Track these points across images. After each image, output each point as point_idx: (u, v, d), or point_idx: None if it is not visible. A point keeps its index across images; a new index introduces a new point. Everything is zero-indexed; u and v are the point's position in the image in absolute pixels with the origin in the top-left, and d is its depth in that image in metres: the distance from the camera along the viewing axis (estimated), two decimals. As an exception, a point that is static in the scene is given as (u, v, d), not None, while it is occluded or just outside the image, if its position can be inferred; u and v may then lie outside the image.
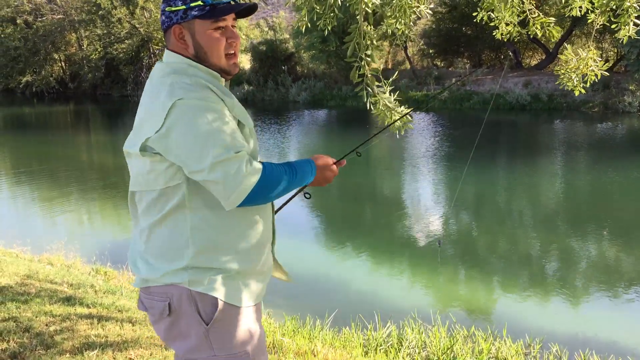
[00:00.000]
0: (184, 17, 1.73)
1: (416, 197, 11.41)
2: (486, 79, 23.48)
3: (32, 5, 33.49)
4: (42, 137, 20.62)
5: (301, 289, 6.86)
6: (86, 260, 6.64)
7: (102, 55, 32.58)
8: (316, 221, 10.21)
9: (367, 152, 16.41)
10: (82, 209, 11.03)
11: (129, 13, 30.60)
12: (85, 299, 4.40)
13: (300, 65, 30.25)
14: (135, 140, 1.66)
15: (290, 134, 19.23)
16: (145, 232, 1.70)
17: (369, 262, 8.03)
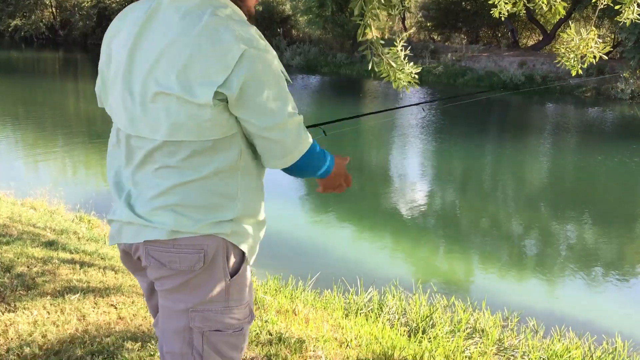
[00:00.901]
0: None
1: (403, 169, 11.43)
2: (482, 56, 23.36)
3: (24, -54, 32.54)
4: (29, 83, 20.27)
5: (285, 251, 6.88)
6: (70, 208, 6.58)
7: (95, 4, 31.84)
8: (303, 185, 10.19)
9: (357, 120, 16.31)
10: (67, 157, 10.91)
11: (124, -38, 29.87)
12: (67, 245, 4.36)
13: (296, 29, 29.85)
14: (186, 84, 1.46)
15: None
16: (183, 182, 1.55)
17: (353, 229, 8.06)
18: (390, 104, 17.35)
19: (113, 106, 1.65)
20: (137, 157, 1.59)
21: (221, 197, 1.58)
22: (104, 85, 1.72)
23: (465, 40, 27.40)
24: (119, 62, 1.59)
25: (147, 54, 1.52)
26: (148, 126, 1.53)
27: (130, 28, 1.57)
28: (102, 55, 1.70)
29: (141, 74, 1.52)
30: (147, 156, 1.56)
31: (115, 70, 1.61)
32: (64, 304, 3.12)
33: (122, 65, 1.57)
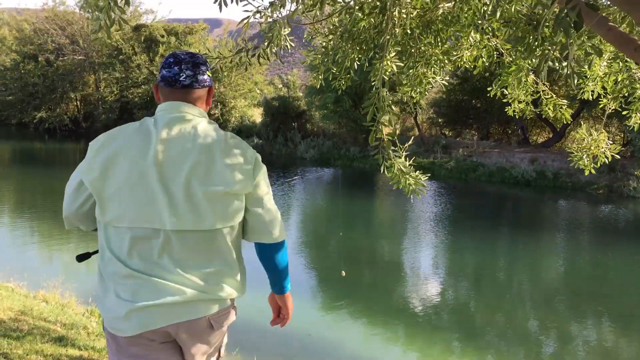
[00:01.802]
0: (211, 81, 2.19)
1: (415, 263, 11.34)
2: (493, 152, 23.72)
3: (55, 45, 34.35)
4: (49, 173, 20.76)
5: (296, 347, 6.75)
6: (82, 301, 6.57)
7: (118, 98, 33.16)
8: (314, 279, 10.12)
9: (370, 213, 16.44)
10: (81, 249, 10.97)
11: (148, 60, 31.34)
12: (77, 341, 4.33)
13: (311, 123, 30.68)
14: (235, 185, 1.95)
15: (295, 190, 19.31)
16: (229, 259, 2.07)
17: (366, 325, 7.93)
18: (401, 199, 17.45)
19: (130, 210, 1.88)
20: (177, 245, 1.90)
21: (239, 266, 2.17)
22: (99, 198, 1.91)
23: (477, 136, 27.94)
24: (140, 173, 1.87)
25: (179, 164, 1.90)
26: (193, 220, 1.91)
27: (142, 147, 1.90)
28: (93, 172, 1.92)
29: (179, 179, 1.88)
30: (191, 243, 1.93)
31: (132, 181, 1.87)
32: (70, 405, 3.07)
33: (150, 176, 1.87)
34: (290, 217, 15.49)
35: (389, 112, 3.92)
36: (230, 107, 31.41)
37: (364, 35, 4.29)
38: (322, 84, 4.67)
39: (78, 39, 34.20)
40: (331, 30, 4.52)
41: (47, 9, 36.68)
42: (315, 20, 4.47)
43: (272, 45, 4.02)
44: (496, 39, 4.37)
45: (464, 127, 29.42)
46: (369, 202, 18.01)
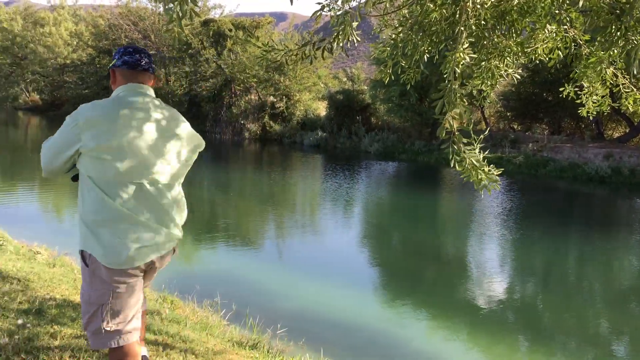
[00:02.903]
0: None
1: (481, 259, 11.11)
2: (565, 147, 22.90)
3: (128, 40, 35.59)
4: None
5: (358, 342, 6.77)
6: (155, 288, 6.82)
7: (187, 92, 34.07)
8: (377, 274, 10.10)
9: (435, 208, 16.21)
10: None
11: (216, 54, 32.00)
12: (151, 326, 4.50)
13: (375, 116, 30.54)
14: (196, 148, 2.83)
15: (358, 183, 19.29)
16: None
17: (428, 320, 7.85)
18: (468, 194, 17.13)
19: (139, 170, 2.50)
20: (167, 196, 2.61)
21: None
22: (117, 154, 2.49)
23: (547, 131, 27.04)
24: (145, 143, 2.50)
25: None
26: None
27: (144, 121, 2.53)
28: (95, 131, 2.45)
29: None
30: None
31: (140, 149, 2.49)
32: (147, 386, 3.19)
33: (151, 145, 2.53)
34: (353, 210, 15.50)
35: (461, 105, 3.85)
36: (295, 100, 31.66)
37: (435, 27, 4.23)
38: (391, 77, 4.63)
39: (150, 34, 35.32)
40: (401, 22, 4.47)
41: (121, 5, 38.11)
42: (385, 13, 4.44)
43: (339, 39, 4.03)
44: (574, 29, 4.21)
45: (534, 121, 28.51)
46: (434, 196, 17.77)
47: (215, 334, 5.15)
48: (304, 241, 11.80)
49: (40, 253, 7.50)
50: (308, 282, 8.83)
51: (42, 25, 46.88)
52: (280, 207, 15.31)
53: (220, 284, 7.78)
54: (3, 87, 45.86)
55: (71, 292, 5.03)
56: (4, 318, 3.91)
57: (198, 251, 10.50)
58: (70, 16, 50.65)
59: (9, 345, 3.43)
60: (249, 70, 31.34)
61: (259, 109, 31.82)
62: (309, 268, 9.64)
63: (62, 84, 42.91)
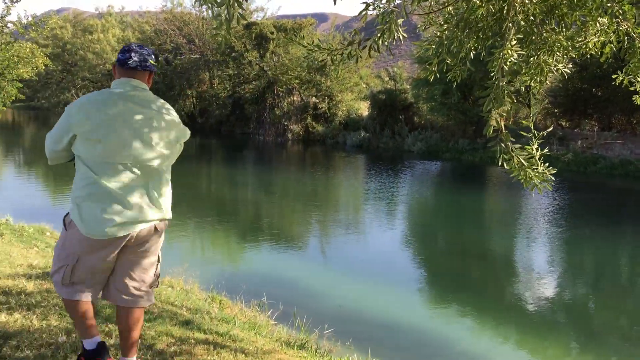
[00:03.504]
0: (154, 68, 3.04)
1: (529, 259, 10.89)
2: (616, 143, 22.22)
3: (173, 44, 36.32)
4: (169, 166, 21.99)
5: (404, 342, 6.73)
6: (204, 287, 6.94)
7: (230, 94, 34.53)
8: (423, 273, 10.02)
9: (481, 207, 15.95)
10: (200, 237, 11.60)
11: (259, 56, 32.32)
12: (202, 325, 4.58)
13: (418, 115, 30.30)
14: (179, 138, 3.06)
15: (402, 182, 19.16)
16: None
17: (475, 321, 7.74)
18: (515, 193, 16.81)
19: (120, 151, 2.78)
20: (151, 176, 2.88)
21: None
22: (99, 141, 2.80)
23: (597, 127, 26.27)
24: (141, 122, 2.83)
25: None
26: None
27: (124, 112, 2.82)
28: (85, 117, 2.79)
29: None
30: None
31: (123, 132, 2.78)
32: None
33: (153, 125, 2.86)
34: (397, 210, 15.42)
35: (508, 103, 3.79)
36: (337, 100, 31.69)
37: (482, 23, 4.17)
38: (437, 75, 4.58)
39: (194, 39, 35.94)
40: (446, 20, 4.42)
41: (166, 10, 38.86)
42: (430, 11, 4.40)
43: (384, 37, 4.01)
44: (627, 22, 4.08)
45: (583, 117, 27.73)
46: (480, 195, 17.51)
47: (264, 333, 5.20)
48: (347, 241, 11.81)
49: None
50: (353, 282, 8.83)
51: (91, 33, 48.31)
52: (323, 207, 15.36)
53: (266, 284, 7.86)
54: (55, 93, 47.42)
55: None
56: (61, 317, 4.04)
57: (244, 251, 10.63)
58: (117, 23, 52.05)
59: (67, 344, 3.55)
60: (291, 72, 31.56)
61: (302, 110, 31.99)
62: (354, 268, 9.64)
63: (110, 89, 44.15)
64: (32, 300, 4.33)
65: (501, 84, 3.72)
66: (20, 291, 4.51)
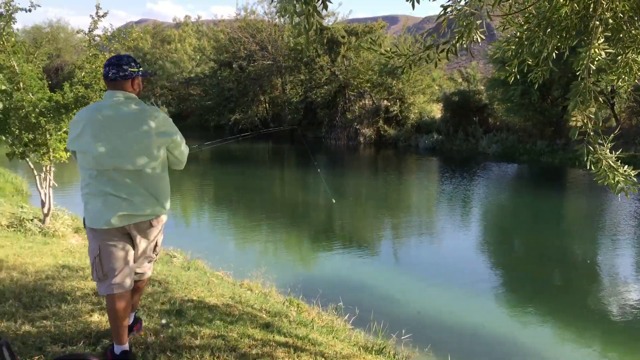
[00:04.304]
0: (137, 73, 3.35)
1: (613, 265, 10.38)
2: None
3: (247, 52, 37.09)
4: (242, 171, 22.52)
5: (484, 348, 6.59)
6: (281, 291, 7.05)
7: (302, 99, 34.89)
8: (499, 279, 9.76)
9: (561, 211, 15.35)
10: (275, 240, 11.79)
11: (330, 61, 32.51)
12: (281, 328, 4.66)
13: (493, 117, 29.55)
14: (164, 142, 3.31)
15: (477, 185, 18.73)
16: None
17: (556, 328, 7.48)
18: (598, 195, 16.08)
19: (101, 157, 3.13)
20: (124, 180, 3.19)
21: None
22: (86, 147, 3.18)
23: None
24: (118, 131, 3.15)
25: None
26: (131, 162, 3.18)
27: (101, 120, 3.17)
28: (76, 132, 3.21)
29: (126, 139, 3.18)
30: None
31: (116, 135, 3.15)
32: (281, 387, 3.31)
33: (125, 133, 3.15)
34: (472, 213, 15.09)
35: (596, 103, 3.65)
36: (409, 103, 31.40)
37: (565, 22, 4.03)
38: (517, 77, 4.47)
39: (267, 45, 36.56)
40: (527, 19, 4.31)
41: (239, 19, 39.75)
42: (510, 12, 4.30)
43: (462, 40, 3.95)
44: None
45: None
46: (560, 198, 16.86)
47: (341, 337, 5.23)
48: (422, 245, 11.67)
49: (175, 257, 8.02)
50: (429, 287, 8.72)
51: (169, 42, 50.13)
52: (397, 210, 15.24)
53: (342, 288, 7.89)
54: (136, 102, 49.48)
55: (206, 294, 5.33)
56: (149, 318, 4.22)
57: (318, 255, 10.72)
58: (193, 32, 53.72)
59: (155, 344, 3.70)
60: (362, 76, 31.53)
61: (373, 113, 31.91)
62: (429, 272, 9.52)
63: (187, 97, 45.58)
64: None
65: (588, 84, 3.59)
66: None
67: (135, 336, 3.74)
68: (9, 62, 7.99)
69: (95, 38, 8.81)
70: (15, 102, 7.86)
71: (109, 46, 9.34)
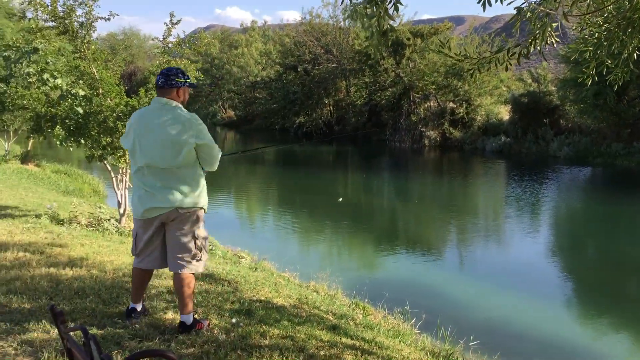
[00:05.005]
0: (183, 84, 3.82)
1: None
2: None
3: (311, 55, 37.41)
4: (306, 173, 22.71)
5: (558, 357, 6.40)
6: (347, 294, 7.08)
7: (367, 101, 34.85)
8: (570, 287, 9.43)
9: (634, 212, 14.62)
10: (339, 243, 11.85)
11: (394, 63, 32.33)
12: (348, 330, 4.68)
13: (564, 118, 28.54)
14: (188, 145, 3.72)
15: (547, 189, 18.14)
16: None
17: (631, 339, 7.17)
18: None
19: (139, 155, 3.74)
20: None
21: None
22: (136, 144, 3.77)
23: None
24: (152, 132, 3.70)
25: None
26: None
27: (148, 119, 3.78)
28: (126, 132, 3.90)
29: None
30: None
31: (150, 136, 3.70)
32: (350, 389, 3.33)
33: (156, 135, 3.68)
34: (542, 218, 14.65)
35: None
36: (476, 105, 30.78)
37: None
38: (595, 79, 4.32)
39: (332, 48, 36.76)
40: (606, 19, 4.16)
41: (304, 22, 40.15)
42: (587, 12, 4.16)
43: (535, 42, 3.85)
44: None
45: None
46: (636, 204, 16.09)
47: (408, 342, 5.20)
48: (488, 250, 11.42)
49: (243, 257, 8.20)
50: (497, 293, 8.53)
51: (236, 47, 51.19)
52: (463, 214, 14.98)
53: (407, 292, 7.83)
54: (204, 106, 50.81)
55: (273, 295, 5.42)
56: (220, 317, 4.33)
57: (383, 258, 10.68)
58: (259, 37, 54.65)
59: (227, 342, 3.80)
60: (427, 77, 31.16)
61: (439, 115, 31.48)
62: (497, 278, 9.31)
63: (253, 100, 46.39)
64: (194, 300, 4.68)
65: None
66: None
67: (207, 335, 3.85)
68: (89, 69, 8.40)
69: (168, 45, 9.13)
70: (94, 107, 8.25)
71: (181, 52, 9.63)
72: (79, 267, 5.34)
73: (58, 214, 8.78)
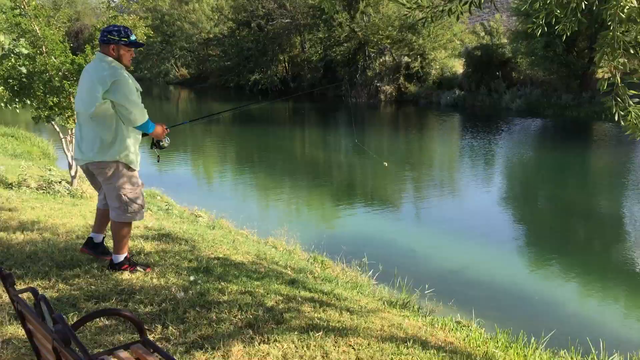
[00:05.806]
0: (117, 41, 3.94)
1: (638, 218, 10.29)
2: None
3: (265, 10, 36.64)
4: (263, 131, 22.53)
5: (508, 303, 6.64)
6: (305, 248, 7.15)
7: (322, 57, 34.51)
8: (521, 234, 9.74)
9: (585, 166, 15.17)
10: (297, 199, 11.89)
11: (349, 17, 31.97)
12: (306, 284, 4.74)
13: (517, 71, 28.96)
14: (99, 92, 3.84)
15: (500, 141, 18.53)
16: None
17: (580, 283, 7.48)
18: (623, 148, 15.84)
19: (76, 101, 4.10)
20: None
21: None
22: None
23: None
24: (81, 80, 4.03)
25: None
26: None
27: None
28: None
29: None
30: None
31: (80, 84, 4.02)
32: (308, 340, 3.40)
33: (82, 83, 3.98)
34: (495, 169, 14.99)
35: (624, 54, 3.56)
36: (430, 59, 30.88)
37: (595, -30, 3.90)
38: (544, 29, 4.35)
39: (285, 3, 36.05)
40: (555, -32, 4.17)
41: (257, -24, 39.11)
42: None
43: (486, -9, 3.85)
44: None
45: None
46: (585, 153, 16.62)
47: (366, 292, 5.31)
48: (444, 201, 11.66)
49: (201, 216, 8.15)
50: (452, 243, 8.75)
51: (187, 3, 49.59)
52: (418, 167, 15.20)
53: (365, 245, 7.96)
54: (155, 64, 49.40)
55: (232, 252, 5.42)
56: (178, 275, 4.32)
57: (341, 213, 10.78)
58: (211, -8, 53.04)
59: (185, 299, 3.80)
60: (382, 32, 30.98)
61: (394, 70, 31.49)
62: (451, 228, 9.54)
63: (206, 58, 45.39)
64: (150, 259, 4.65)
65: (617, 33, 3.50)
66: (139, 251, 4.85)
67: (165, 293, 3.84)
68: (30, 26, 8.01)
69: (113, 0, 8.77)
70: (38, 66, 7.92)
71: (128, 6, 9.28)
72: (30, 231, 5.21)
73: (6, 177, 8.51)
